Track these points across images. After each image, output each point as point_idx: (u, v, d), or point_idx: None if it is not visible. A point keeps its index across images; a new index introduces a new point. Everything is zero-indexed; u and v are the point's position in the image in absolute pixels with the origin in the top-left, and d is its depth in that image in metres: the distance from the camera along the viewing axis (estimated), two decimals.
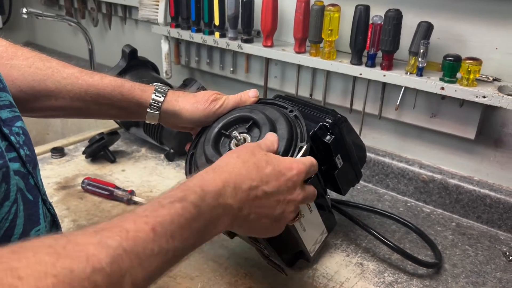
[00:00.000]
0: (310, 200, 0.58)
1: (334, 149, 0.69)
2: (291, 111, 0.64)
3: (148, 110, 0.66)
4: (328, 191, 0.79)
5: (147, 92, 0.66)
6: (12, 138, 0.47)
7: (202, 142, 0.64)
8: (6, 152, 0.45)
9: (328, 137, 0.69)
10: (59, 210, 0.88)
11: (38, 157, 1.07)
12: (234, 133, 0.60)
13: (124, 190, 0.92)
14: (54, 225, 0.56)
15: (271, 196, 0.51)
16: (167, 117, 0.68)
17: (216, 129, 0.63)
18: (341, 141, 0.70)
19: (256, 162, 0.51)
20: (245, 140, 0.61)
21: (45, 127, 1.55)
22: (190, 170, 0.64)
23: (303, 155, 0.58)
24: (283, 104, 0.66)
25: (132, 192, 0.92)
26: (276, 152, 0.56)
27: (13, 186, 0.45)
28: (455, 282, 0.75)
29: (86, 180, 0.95)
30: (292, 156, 0.58)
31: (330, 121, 0.69)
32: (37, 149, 1.09)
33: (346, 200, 0.96)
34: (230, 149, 0.61)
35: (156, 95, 0.66)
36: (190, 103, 0.66)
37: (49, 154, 1.09)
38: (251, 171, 0.50)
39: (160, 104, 0.66)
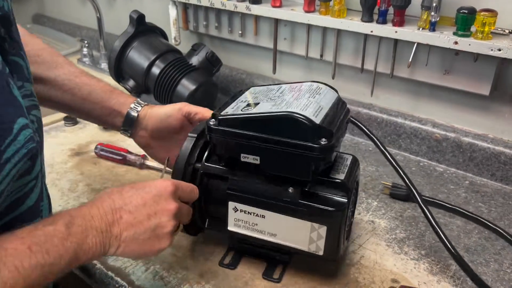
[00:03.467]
0: (186, 215, 0.60)
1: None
2: None
3: (132, 105, 0.75)
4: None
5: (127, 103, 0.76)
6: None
7: None
8: None
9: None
10: (73, 175, 0.90)
11: (51, 126, 1.10)
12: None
13: (136, 155, 0.93)
14: (50, 204, 0.61)
15: (138, 210, 0.53)
16: (145, 119, 0.76)
17: None
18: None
19: (119, 190, 0.55)
20: None
21: None
22: None
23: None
24: None
25: (144, 157, 0.93)
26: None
27: (37, 165, 0.50)
28: (467, 238, 0.75)
29: (99, 146, 0.96)
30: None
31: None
32: (50, 118, 1.11)
33: None
34: None
35: (135, 104, 0.76)
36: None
37: (62, 122, 1.10)
38: (114, 196, 0.54)
39: (140, 106, 0.76)
